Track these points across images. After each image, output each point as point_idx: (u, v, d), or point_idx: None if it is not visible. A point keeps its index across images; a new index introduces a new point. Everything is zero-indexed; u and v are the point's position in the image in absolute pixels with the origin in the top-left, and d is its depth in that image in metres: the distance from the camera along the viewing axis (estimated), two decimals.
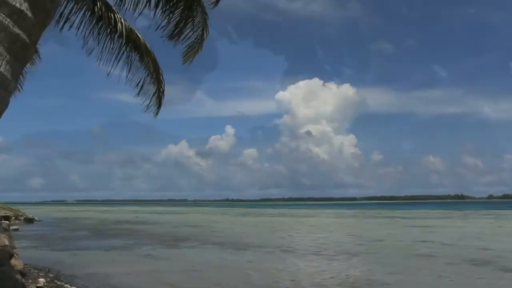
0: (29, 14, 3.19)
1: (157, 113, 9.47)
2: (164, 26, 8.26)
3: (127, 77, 8.58)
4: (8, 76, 3.18)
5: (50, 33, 6.66)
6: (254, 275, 13.17)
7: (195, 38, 8.77)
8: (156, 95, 9.21)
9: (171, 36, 8.43)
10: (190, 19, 8.38)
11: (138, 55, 8.51)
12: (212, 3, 8.09)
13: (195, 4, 8.24)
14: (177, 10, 8.17)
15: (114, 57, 8.34)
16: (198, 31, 8.69)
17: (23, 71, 5.97)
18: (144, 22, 8.44)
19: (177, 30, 8.38)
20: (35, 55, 9.03)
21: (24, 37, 3.21)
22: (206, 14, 8.56)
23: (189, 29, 8.51)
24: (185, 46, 8.81)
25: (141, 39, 8.50)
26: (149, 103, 9.22)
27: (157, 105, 9.37)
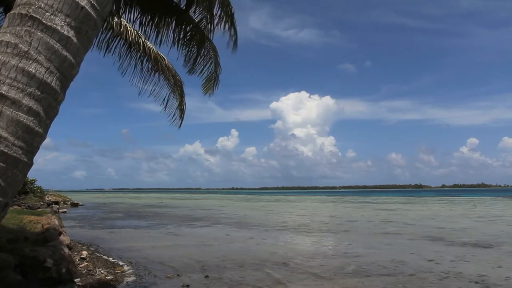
0: (75, 40, 3.21)
1: (180, 125, 9.11)
2: (185, 61, 8.56)
3: (151, 92, 8.39)
4: (58, 89, 3.20)
5: (91, 56, 6.67)
6: (254, 248, 13.17)
7: (209, 72, 8.77)
8: (178, 108, 8.92)
9: (190, 70, 8.69)
10: (203, 54, 8.51)
11: (162, 75, 8.36)
12: (232, 49, 8.31)
13: (206, 42, 8.37)
14: (193, 48, 8.44)
15: (143, 76, 8.27)
16: (211, 66, 8.68)
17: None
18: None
19: (193, 64, 8.56)
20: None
21: (71, 58, 3.22)
22: (216, 52, 8.55)
23: (202, 63, 8.65)
24: (203, 79, 8.80)
25: (166, 61, 8.38)
26: (173, 116, 8.91)
27: (180, 118, 9.04)
